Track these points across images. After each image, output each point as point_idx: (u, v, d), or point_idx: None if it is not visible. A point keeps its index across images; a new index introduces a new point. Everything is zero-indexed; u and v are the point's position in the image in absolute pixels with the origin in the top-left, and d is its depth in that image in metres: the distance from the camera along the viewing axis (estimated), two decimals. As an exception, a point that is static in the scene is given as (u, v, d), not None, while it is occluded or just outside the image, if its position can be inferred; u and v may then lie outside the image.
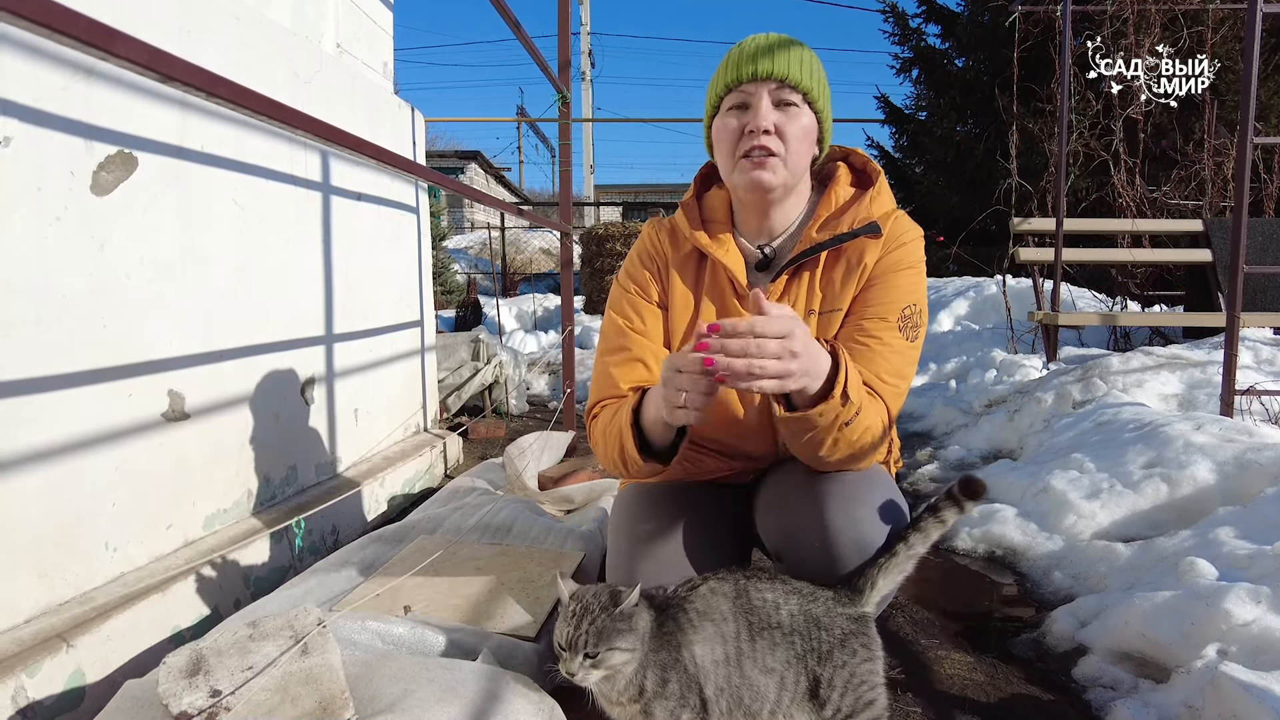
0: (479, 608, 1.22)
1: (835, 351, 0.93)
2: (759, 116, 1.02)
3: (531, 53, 2.69)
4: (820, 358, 0.90)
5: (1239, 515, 1.68)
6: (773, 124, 1.03)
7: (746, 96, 1.04)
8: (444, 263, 8.82)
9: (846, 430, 0.94)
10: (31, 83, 1.17)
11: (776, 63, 1.02)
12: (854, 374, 0.93)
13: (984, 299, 5.96)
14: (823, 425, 0.93)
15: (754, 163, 1.04)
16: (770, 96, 1.03)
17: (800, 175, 1.09)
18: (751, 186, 1.06)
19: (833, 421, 0.92)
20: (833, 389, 0.90)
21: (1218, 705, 1.11)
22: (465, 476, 2.11)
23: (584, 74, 16.65)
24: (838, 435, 0.94)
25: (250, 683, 0.79)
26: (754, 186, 1.06)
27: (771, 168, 1.04)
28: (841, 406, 0.91)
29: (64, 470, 1.23)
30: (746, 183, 1.06)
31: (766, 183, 1.05)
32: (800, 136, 1.04)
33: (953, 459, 2.85)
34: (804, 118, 1.04)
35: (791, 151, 1.04)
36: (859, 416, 0.94)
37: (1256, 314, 3.74)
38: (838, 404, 0.90)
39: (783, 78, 1.02)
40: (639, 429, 1.04)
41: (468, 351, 3.70)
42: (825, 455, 0.98)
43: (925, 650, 1.48)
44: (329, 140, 1.23)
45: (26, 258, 1.16)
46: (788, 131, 1.03)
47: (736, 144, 1.05)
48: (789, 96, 1.03)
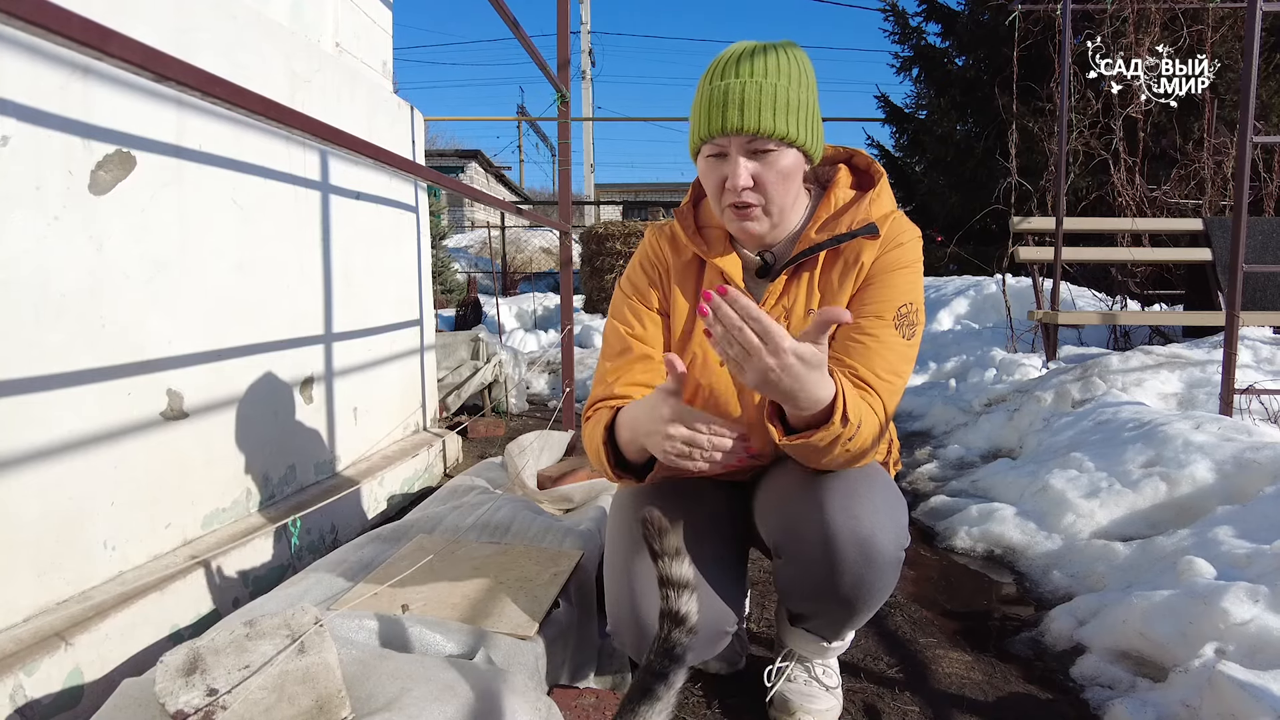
0: (477, 606, 1.22)
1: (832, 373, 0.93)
2: (735, 176, 1.02)
3: (530, 52, 2.69)
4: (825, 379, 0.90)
5: (1238, 514, 1.68)
6: (751, 177, 1.03)
7: (721, 149, 1.04)
8: (444, 262, 8.81)
9: (848, 446, 0.96)
10: (30, 82, 1.17)
11: (747, 116, 0.99)
12: (854, 394, 0.94)
13: (984, 298, 5.96)
14: (824, 444, 0.94)
15: (739, 214, 1.06)
16: (745, 150, 1.02)
17: (790, 205, 1.09)
18: (740, 233, 1.10)
19: (833, 441, 0.93)
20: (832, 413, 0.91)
21: (1215, 704, 1.11)
22: (464, 475, 2.11)
23: (584, 73, 16.63)
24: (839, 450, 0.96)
25: (247, 681, 0.80)
26: (742, 233, 1.10)
27: (755, 218, 1.06)
28: (843, 428, 0.92)
29: (63, 469, 1.23)
30: (735, 230, 1.10)
31: (754, 231, 1.08)
32: (780, 180, 1.04)
33: (952, 458, 2.85)
34: (783, 160, 1.03)
35: (773, 197, 1.05)
36: (859, 431, 0.95)
37: (1256, 313, 3.74)
38: (839, 426, 0.91)
39: (755, 131, 1.00)
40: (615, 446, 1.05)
41: (467, 350, 3.70)
42: (826, 464, 1.00)
43: (924, 649, 1.48)
44: (328, 140, 1.23)
45: (25, 256, 1.16)
46: (766, 179, 1.03)
47: (719, 193, 1.06)
48: (764, 146, 1.01)
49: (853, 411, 0.92)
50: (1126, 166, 4.64)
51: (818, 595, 1.09)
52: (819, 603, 1.10)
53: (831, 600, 1.07)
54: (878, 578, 1.04)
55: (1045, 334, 4.06)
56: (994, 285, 5.89)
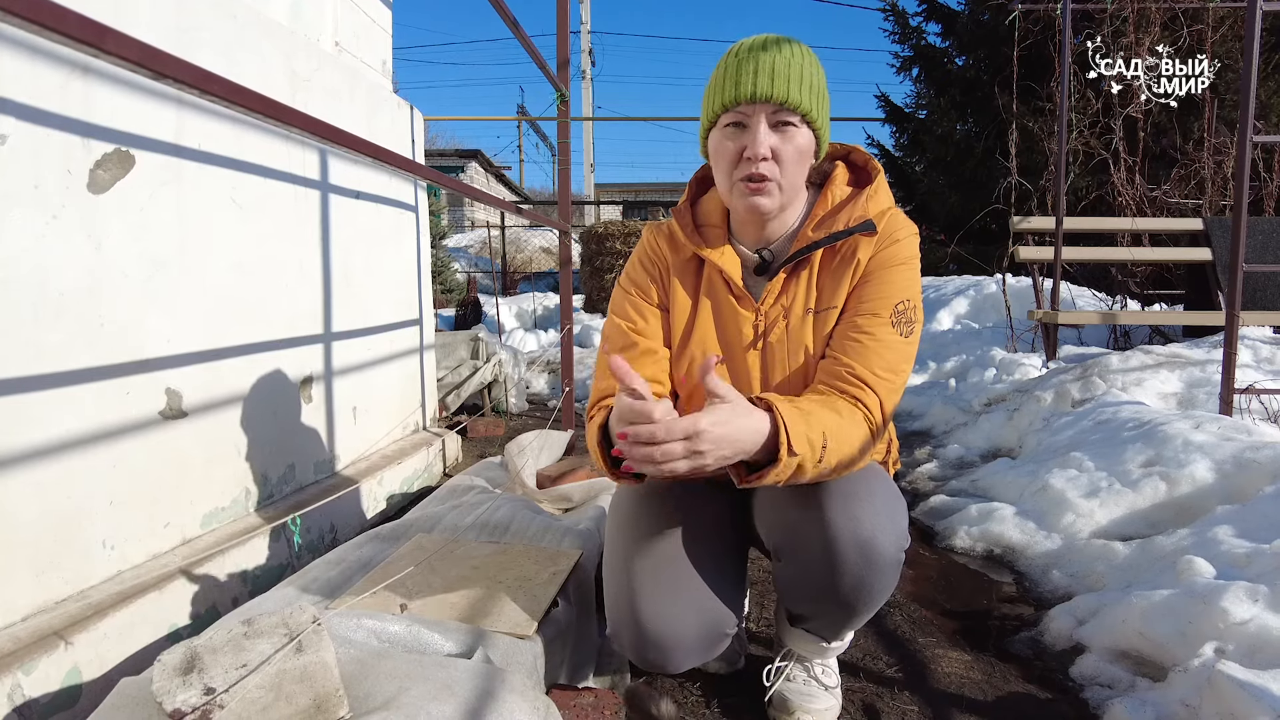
0: (476, 606, 1.22)
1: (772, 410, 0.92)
2: (756, 143, 1.01)
3: (530, 51, 2.69)
4: (742, 435, 0.89)
5: (1237, 514, 1.67)
6: (770, 149, 1.02)
7: (743, 117, 1.02)
8: (444, 261, 8.81)
9: (820, 466, 0.94)
10: (29, 80, 1.16)
11: (776, 84, 0.99)
12: (797, 425, 0.91)
13: (984, 297, 5.96)
14: (786, 477, 0.93)
15: (751, 188, 1.04)
16: (768, 119, 1.01)
17: (796, 191, 1.09)
18: (750, 210, 1.07)
19: (797, 470, 0.92)
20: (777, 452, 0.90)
21: (1215, 703, 1.11)
22: (463, 475, 2.11)
23: (584, 72, 16.63)
24: (814, 473, 0.95)
25: (244, 680, 0.79)
26: (752, 210, 1.07)
27: (768, 192, 1.04)
28: (793, 459, 0.91)
29: (62, 468, 1.23)
30: (745, 206, 1.07)
31: (764, 208, 1.06)
32: (796, 158, 1.04)
33: (952, 457, 2.85)
34: (800, 137, 1.03)
35: (788, 174, 1.04)
36: (827, 449, 0.93)
37: (1256, 313, 3.74)
38: (788, 462, 0.90)
39: (783, 101, 1.00)
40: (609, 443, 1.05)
41: (467, 350, 3.70)
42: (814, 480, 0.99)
43: (923, 648, 1.48)
44: (327, 139, 1.23)
45: (24, 255, 1.16)
46: (784, 154, 1.03)
47: (734, 166, 1.05)
48: (787, 118, 1.01)
49: (799, 444, 0.90)
50: (1126, 166, 4.64)
51: (818, 597, 1.08)
52: (819, 604, 1.10)
53: (831, 601, 1.07)
54: (878, 579, 1.04)
55: (1045, 333, 4.06)
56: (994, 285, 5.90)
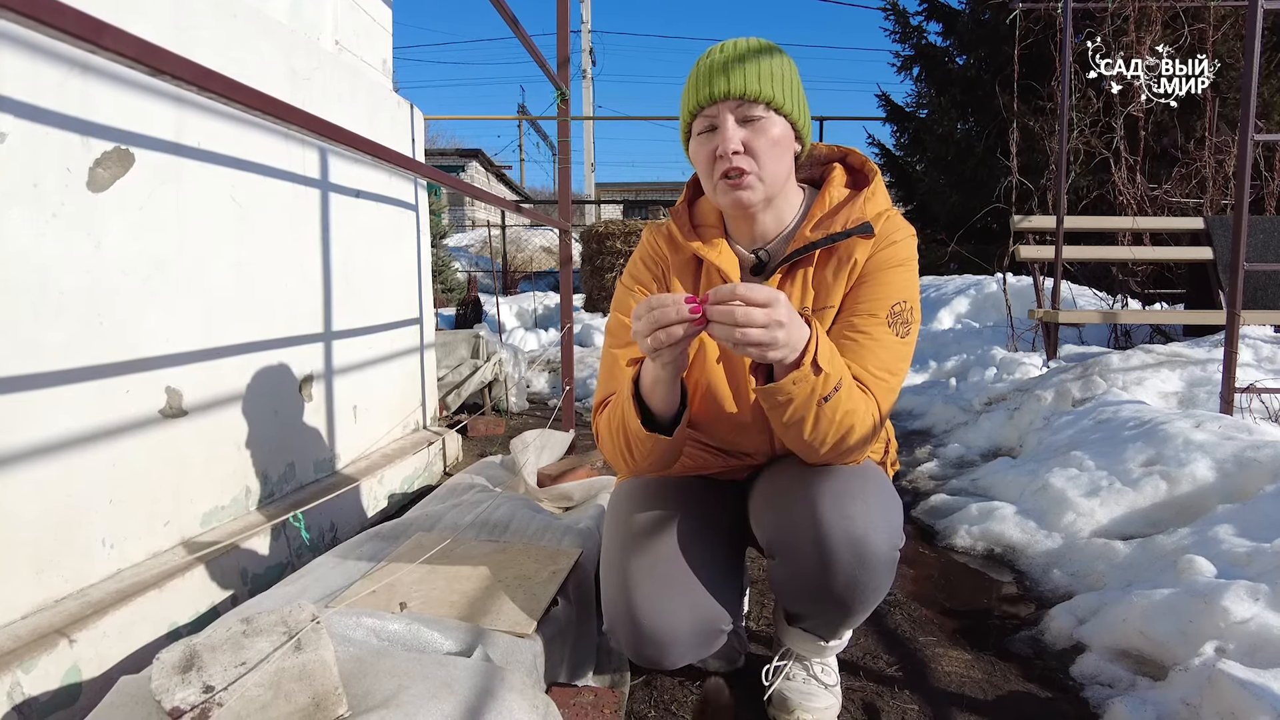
0: (475, 604, 1.22)
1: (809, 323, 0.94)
2: (725, 140, 1.02)
3: (530, 50, 2.69)
4: (801, 330, 0.91)
5: (1238, 513, 1.67)
6: (741, 143, 1.03)
7: (712, 119, 1.04)
8: (444, 260, 8.81)
9: (826, 407, 0.94)
10: (28, 78, 1.16)
11: (733, 80, 1.01)
12: (826, 346, 0.94)
13: (984, 297, 5.96)
14: (799, 398, 0.93)
15: (731, 184, 1.05)
16: (734, 115, 1.03)
17: (782, 182, 1.09)
18: (734, 205, 1.08)
19: (809, 394, 0.93)
20: (803, 359, 0.91)
21: (1215, 702, 1.11)
22: (464, 474, 2.11)
23: (585, 72, 16.61)
24: (818, 412, 0.95)
25: (243, 678, 0.79)
26: (736, 205, 1.08)
27: (749, 185, 1.05)
28: (815, 377, 0.92)
29: (61, 467, 1.23)
30: (729, 202, 1.08)
31: (747, 201, 1.07)
32: (771, 148, 1.04)
33: (952, 457, 2.85)
34: (773, 128, 1.04)
35: (765, 165, 1.05)
36: (838, 393, 0.94)
37: (1257, 312, 3.74)
38: (809, 372, 0.91)
39: (741, 95, 1.01)
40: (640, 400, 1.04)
41: (467, 349, 3.70)
42: (811, 440, 0.98)
43: (923, 647, 1.48)
44: (327, 137, 1.23)
45: (23, 255, 1.16)
46: (757, 146, 1.03)
47: (712, 167, 1.06)
48: (753, 111, 1.03)
49: (825, 363, 0.92)
50: (1127, 165, 4.64)
51: (812, 595, 1.08)
52: (814, 603, 1.10)
53: (826, 600, 1.07)
54: (871, 578, 1.03)
55: (1046, 333, 4.06)
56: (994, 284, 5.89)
